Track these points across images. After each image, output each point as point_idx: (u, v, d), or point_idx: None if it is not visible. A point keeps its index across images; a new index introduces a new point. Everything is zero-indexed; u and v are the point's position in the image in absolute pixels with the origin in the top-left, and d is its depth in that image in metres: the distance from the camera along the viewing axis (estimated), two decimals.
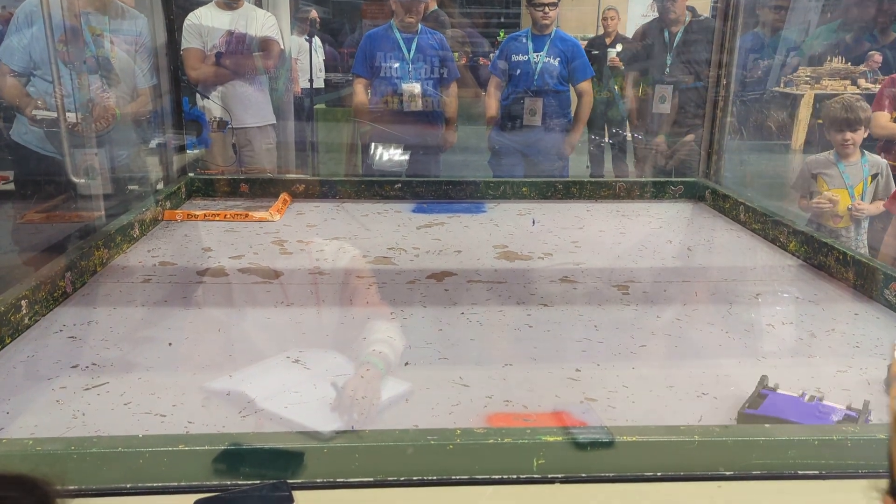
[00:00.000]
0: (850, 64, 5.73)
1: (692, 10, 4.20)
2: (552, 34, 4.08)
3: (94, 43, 2.97)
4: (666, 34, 4.21)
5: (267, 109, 4.08)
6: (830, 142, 3.22)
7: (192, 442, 1.27)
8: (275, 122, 4.14)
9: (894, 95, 3.79)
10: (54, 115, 2.59)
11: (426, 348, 1.83)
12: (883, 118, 3.79)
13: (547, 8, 3.98)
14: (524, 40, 4.12)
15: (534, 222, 2.86)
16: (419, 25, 3.99)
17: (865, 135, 3.04)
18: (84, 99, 2.64)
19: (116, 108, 3.02)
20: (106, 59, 3.03)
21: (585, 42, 6.36)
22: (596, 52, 5.47)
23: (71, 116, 2.58)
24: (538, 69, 4.03)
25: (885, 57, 4.68)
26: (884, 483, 0.69)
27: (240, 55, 3.88)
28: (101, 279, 2.27)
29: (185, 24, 3.82)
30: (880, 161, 3.04)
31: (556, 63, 4.03)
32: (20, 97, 2.92)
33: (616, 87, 5.21)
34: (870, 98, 3.84)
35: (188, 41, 3.80)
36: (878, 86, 4.80)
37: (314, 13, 5.54)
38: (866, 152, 3.12)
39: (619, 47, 5.35)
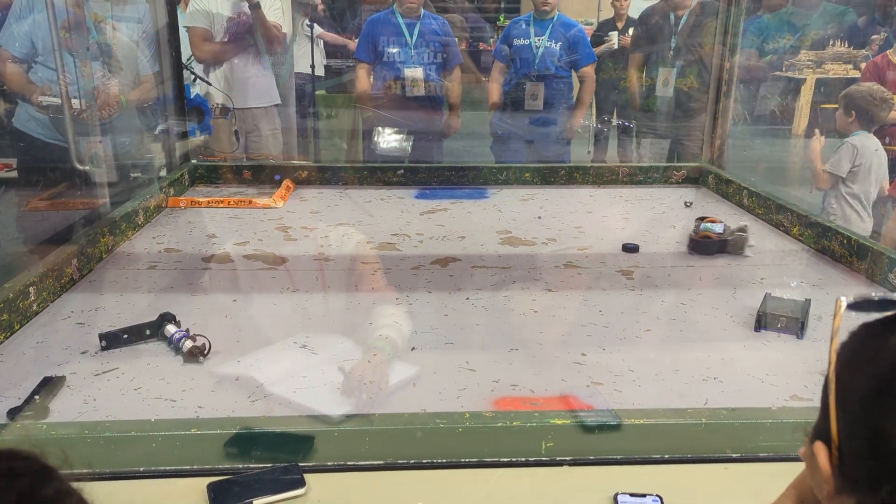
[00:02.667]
0: (852, 48, 5.70)
1: None
2: (554, 18, 4.06)
3: (96, 29, 2.95)
4: (671, 17, 4.19)
5: (273, 91, 4.06)
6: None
7: (204, 426, 1.28)
8: (279, 102, 4.12)
9: (879, 79, 3.76)
10: (59, 101, 2.58)
11: (432, 333, 1.84)
12: None
13: None
14: (526, 25, 4.10)
15: (539, 217, 2.88)
16: (421, 10, 3.97)
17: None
18: (87, 86, 2.63)
19: (122, 96, 3.01)
20: (108, 45, 3.02)
21: (593, 27, 6.28)
22: (607, 39, 5.41)
23: (75, 103, 2.57)
24: (539, 54, 4.01)
25: (888, 41, 4.66)
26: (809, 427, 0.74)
27: (245, 37, 3.85)
28: (107, 266, 2.28)
29: (190, 7, 3.80)
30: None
31: (558, 48, 4.02)
32: (23, 84, 2.91)
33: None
34: None
35: (195, 20, 3.78)
36: None
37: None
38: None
39: (631, 31, 5.30)
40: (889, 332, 0.67)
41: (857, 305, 0.69)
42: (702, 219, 2.50)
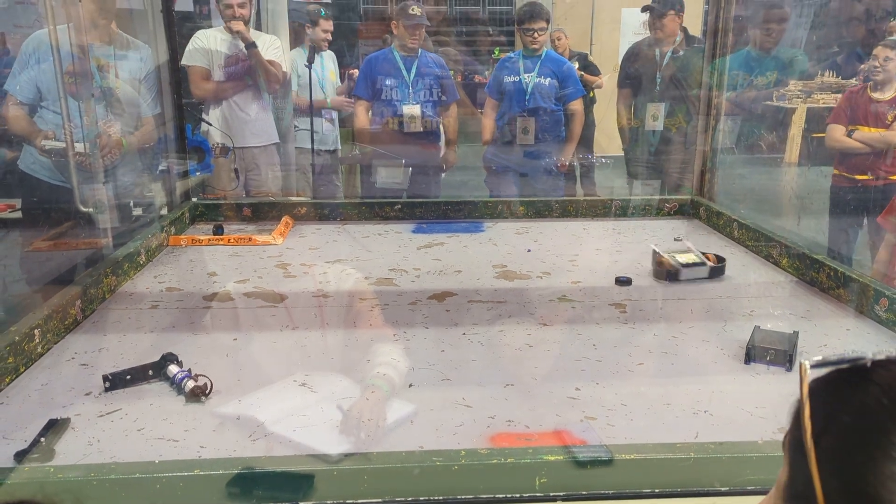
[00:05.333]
0: (840, 78, 5.82)
1: (684, 30, 4.29)
2: (543, 55, 4.17)
3: (99, 74, 3.03)
4: (657, 53, 4.29)
5: (271, 130, 4.15)
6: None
7: (206, 467, 1.31)
8: (278, 140, 4.20)
9: (851, 109, 3.85)
10: (63, 145, 2.65)
11: (429, 370, 1.88)
12: (837, 131, 3.86)
13: (536, 33, 4.08)
14: (516, 62, 4.21)
15: (529, 250, 2.93)
16: (419, 48, 4.08)
17: None
18: (91, 132, 2.70)
19: (123, 139, 3.08)
20: (111, 89, 3.10)
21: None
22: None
23: (79, 147, 2.64)
24: (530, 89, 4.11)
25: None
26: None
27: (244, 77, 3.95)
28: (110, 306, 2.32)
29: (191, 43, 3.90)
30: None
31: (547, 83, 4.12)
32: (28, 128, 2.98)
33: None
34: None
35: (194, 59, 3.87)
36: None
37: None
38: None
39: (576, 64, 5.55)
40: (857, 388, 0.67)
41: (821, 366, 0.69)
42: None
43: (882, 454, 0.63)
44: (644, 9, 4.25)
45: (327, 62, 4.77)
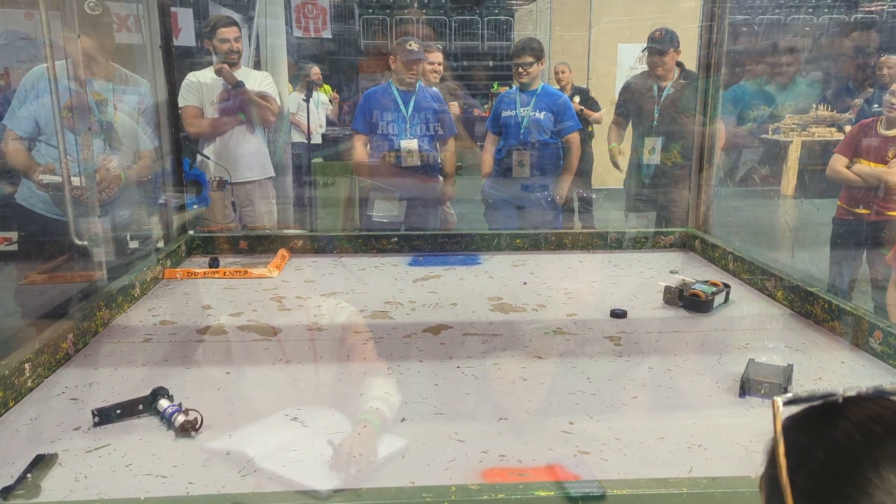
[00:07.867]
0: (835, 112, 5.89)
1: (681, 64, 4.34)
2: (539, 89, 4.23)
3: (97, 109, 3.06)
4: (654, 87, 4.33)
5: (266, 164, 4.18)
6: None
7: None
8: (273, 174, 4.24)
9: (857, 142, 3.87)
10: (60, 179, 2.67)
11: (422, 403, 1.87)
12: (838, 162, 3.88)
13: (522, 67, 4.14)
14: (513, 96, 4.27)
15: (524, 283, 2.93)
16: (417, 83, 4.12)
17: None
18: (89, 167, 2.72)
19: (122, 173, 3.10)
20: (109, 123, 3.13)
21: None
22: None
23: (76, 181, 2.66)
24: (525, 123, 4.16)
25: (862, 109, 4.83)
26: None
27: (237, 111, 3.99)
28: (102, 339, 2.31)
29: (184, 83, 3.94)
30: None
31: (543, 117, 4.16)
32: (27, 162, 3.00)
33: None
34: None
35: (186, 99, 3.92)
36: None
37: (316, 71, 5.65)
38: None
39: (577, 99, 5.66)
40: (830, 425, 0.68)
41: (793, 402, 0.70)
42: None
43: (857, 490, 0.63)
44: (651, 51, 4.29)
45: None
